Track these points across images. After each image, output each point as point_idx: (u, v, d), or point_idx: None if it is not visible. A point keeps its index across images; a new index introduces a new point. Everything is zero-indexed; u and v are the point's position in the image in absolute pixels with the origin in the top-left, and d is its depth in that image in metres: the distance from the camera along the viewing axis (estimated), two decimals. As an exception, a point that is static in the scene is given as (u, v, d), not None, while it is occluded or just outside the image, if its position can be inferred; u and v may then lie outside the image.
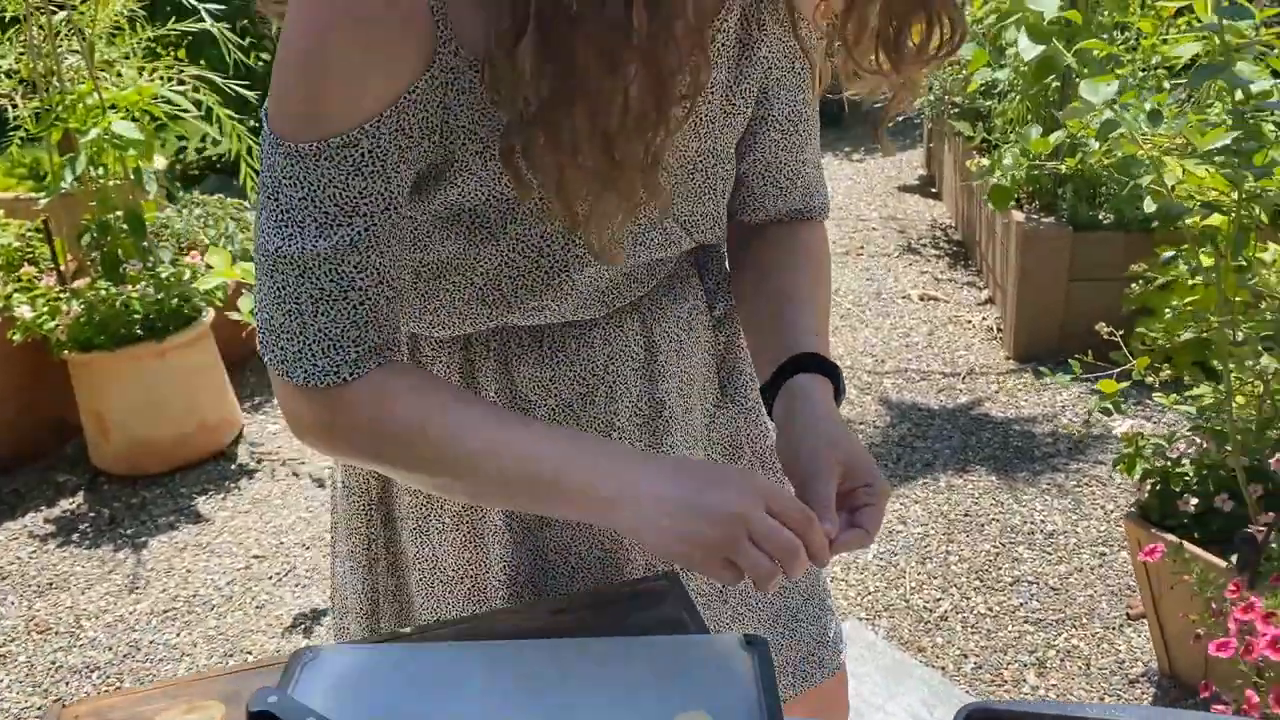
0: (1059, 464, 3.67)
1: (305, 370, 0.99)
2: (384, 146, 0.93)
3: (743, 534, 0.96)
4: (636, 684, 1.07)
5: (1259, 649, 1.65)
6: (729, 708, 1.04)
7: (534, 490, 1.04)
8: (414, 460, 1.04)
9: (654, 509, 0.98)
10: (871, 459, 1.11)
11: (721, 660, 1.11)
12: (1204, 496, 2.40)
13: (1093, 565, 3.15)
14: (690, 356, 1.28)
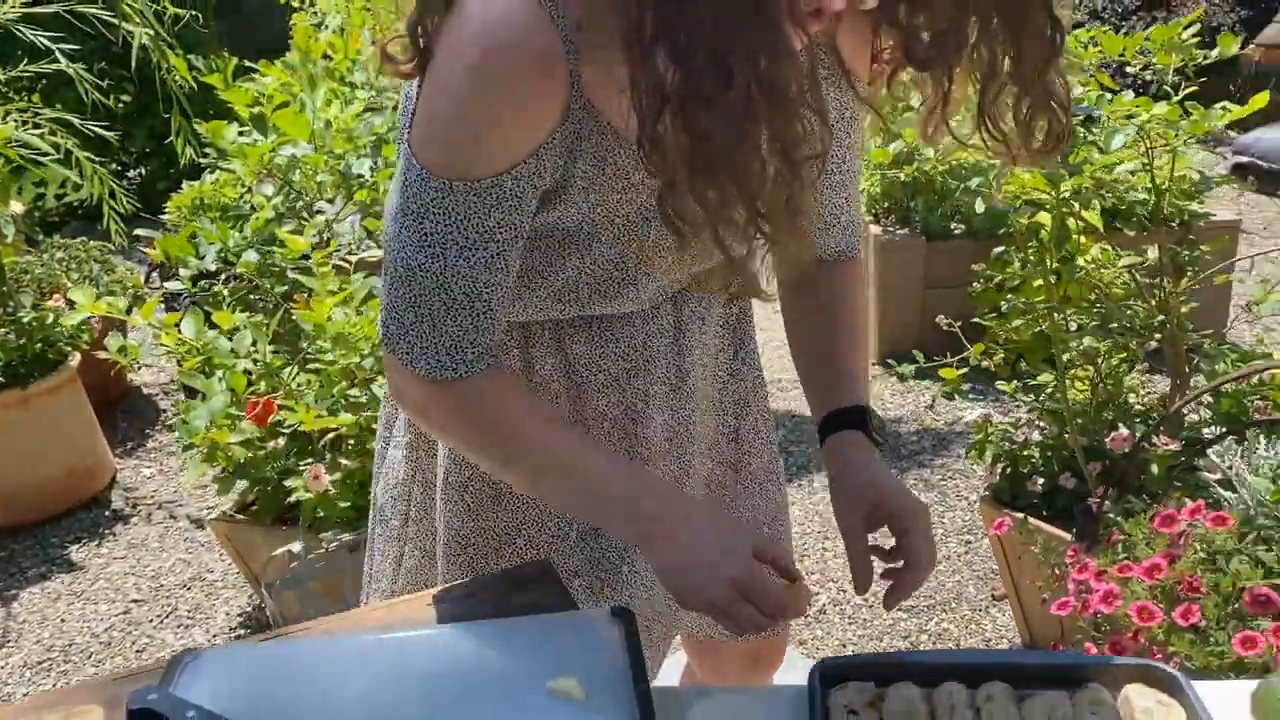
0: (924, 459, 3.86)
1: (429, 364, 1.16)
2: (522, 186, 1.10)
3: (740, 597, 1.15)
4: (510, 661, 1.14)
5: (1093, 605, 1.80)
6: (599, 674, 1.11)
7: (598, 506, 1.24)
8: (500, 452, 1.24)
9: (669, 552, 1.19)
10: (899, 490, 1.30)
11: (591, 633, 1.18)
12: (1049, 476, 2.58)
13: (959, 552, 3.32)
14: (709, 331, 1.43)
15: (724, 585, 1.14)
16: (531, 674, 1.10)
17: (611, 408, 1.38)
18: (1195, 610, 1.74)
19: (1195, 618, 1.74)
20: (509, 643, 1.16)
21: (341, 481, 2.47)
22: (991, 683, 1.25)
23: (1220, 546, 1.85)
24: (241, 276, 2.68)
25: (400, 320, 1.16)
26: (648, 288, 1.29)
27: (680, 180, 1.00)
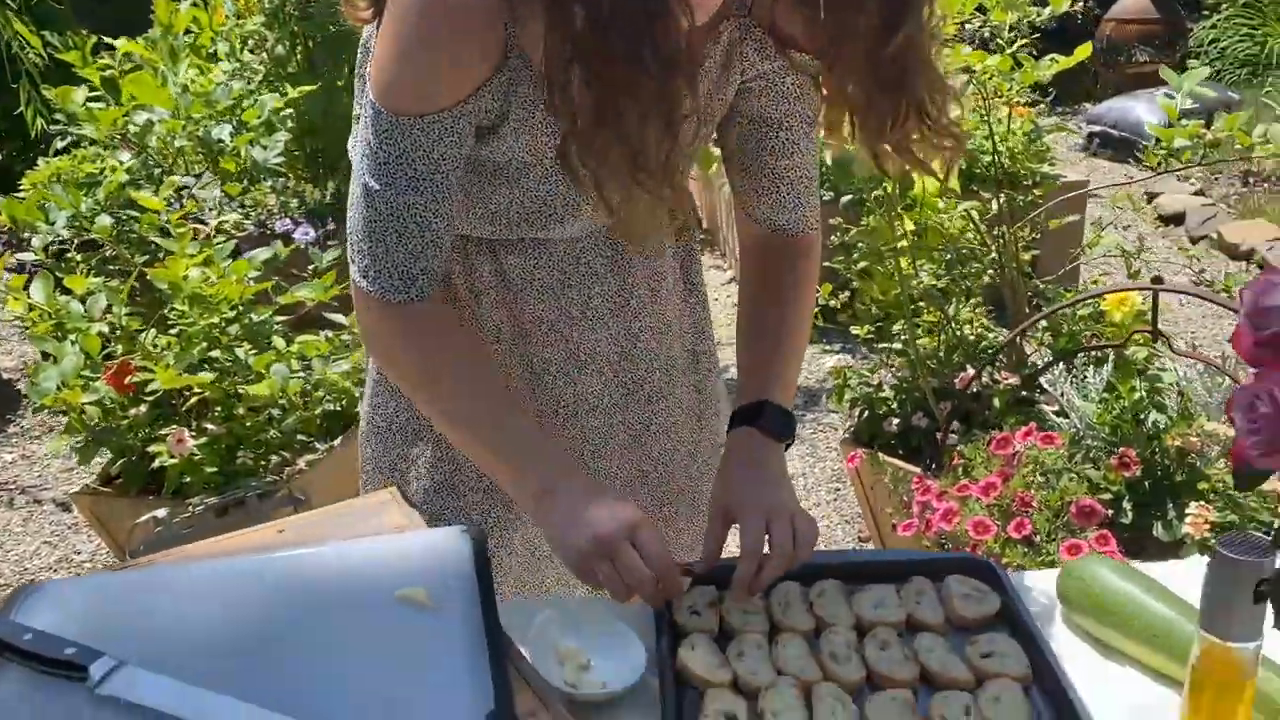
0: (797, 415, 3.98)
1: (382, 285, 1.26)
2: (464, 123, 1.20)
3: (605, 555, 1.19)
4: (359, 576, 1.16)
5: (935, 524, 1.91)
6: (447, 586, 1.14)
7: (502, 466, 1.32)
8: (434, 388, 1.33)
9: (557, 511, 1.25)
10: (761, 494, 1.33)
11: (440, 549, 1.21)
12: (903, 417, 2.70)
13: (829, 500, 3.45)
14: (657, 259, 1.48)
15: (588, 540, 1.19)
16: (380, 586, 1.13)
17: (548, 313, 1.43)
18: (1027, 523, 1.86)
19: (1027, 530, 1.86)
20: (359, 560, 1.19)
21: (207, 446, 2.44)
22: (824, 580, 1.33)
23: (1050, 465, 1.98)
24: (96, 243, 2.62)
25: (359, 244, 1.26)
26: (573, 224, 1.38)
27: (576, 126, 1.12)
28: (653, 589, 1.21)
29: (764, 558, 1.27)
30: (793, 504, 1.33)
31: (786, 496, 1.33)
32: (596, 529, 1.20)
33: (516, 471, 1.30)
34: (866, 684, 1.18)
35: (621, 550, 1.20)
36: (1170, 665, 1.18)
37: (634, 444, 1.56)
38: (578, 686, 1.18)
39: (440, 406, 1.34)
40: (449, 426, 1.36)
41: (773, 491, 1.32)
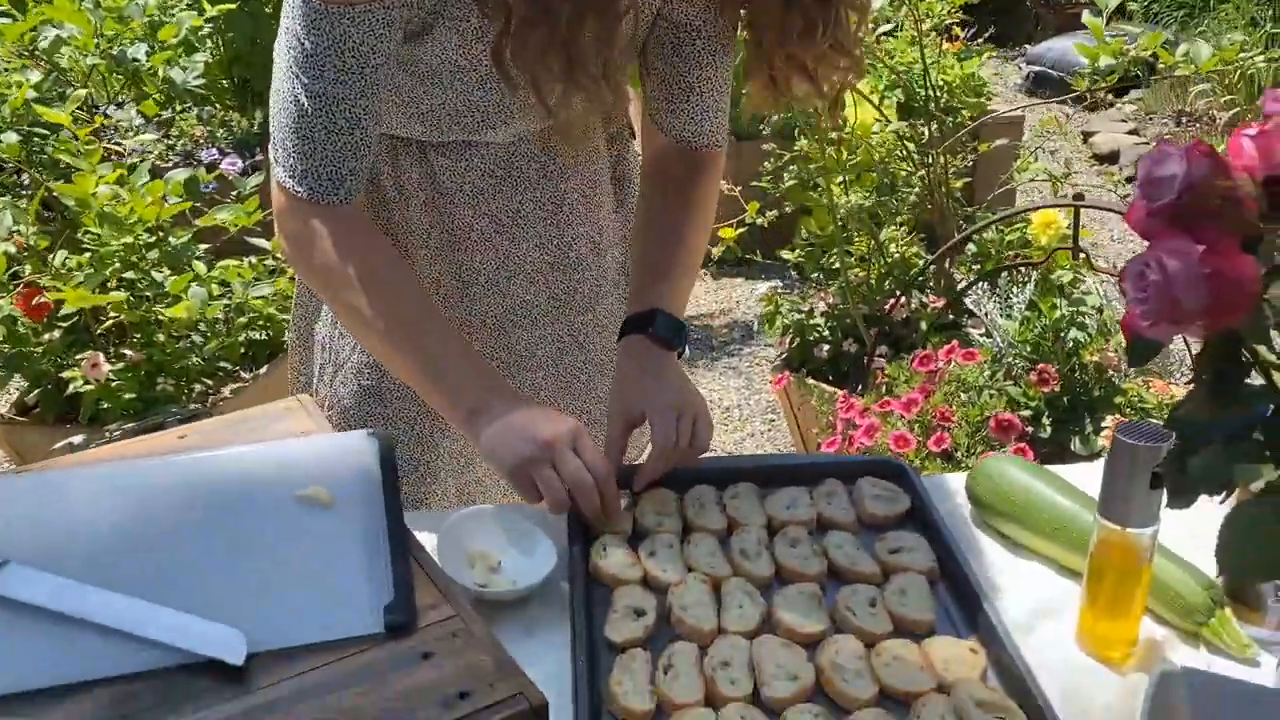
0: (734, 349, 3.99)
1: (310, 185, 1.22)
2: (394, 16, 1.16)
3: (545, 459, 1.18)
4: (261, 478, 1.14)
5: (857, 439, 1.92)
6: (349, 485, 1.12)
7: (431, 385, 1.28)
8: (359, 299, 1.27)
9: (493, 423, 1.22)
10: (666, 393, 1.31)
11: (346, 452, 1.19)
12: (834, 344, 2.71)
13: (763, 430, 3.47)
14: (588, 164, 1.45)
15: (531, 446, 1.18)
16: (280, 487, 1.11)
17: (478, 219, 1.40)
18: (946, 438, 1.88)
19: (946, 444, 1.88)
20: (259, 462, 1.16)
21: (124, 372, 2.38)
22: (738, 483, 1.33)
23: (971, 382, 1.99)
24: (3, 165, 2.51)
25: (284, 142, 1.22)
26: (506, 129, 1.35)
27: (510, 27, 1.11)
28: (594, 495, 1.20)
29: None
30: (698, 403, 1.32)
31: (691, 395, 1.33)
32: (539, 435, 1.19)
33: (447, 388, 1.27)
34: (775, 579, 1.19)
35: (565, 456, 1.19)
36: (1074, 558, 1.20)
37: (561, 356, 1.55)
38: (487, 586, 1.17)
39: (364, 316, 1.28)
40: (371, 337, 1.31)
41: (677, 391, 1.32)
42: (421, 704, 0.87)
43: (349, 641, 0.93)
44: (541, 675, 1.07)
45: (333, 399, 1.54)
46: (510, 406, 1.24)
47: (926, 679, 1.04)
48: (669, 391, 1.31)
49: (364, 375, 1.50)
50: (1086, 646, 1.11)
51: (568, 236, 1.48)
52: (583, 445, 1.21)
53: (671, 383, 1.33)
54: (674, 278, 1.44)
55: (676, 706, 1.01)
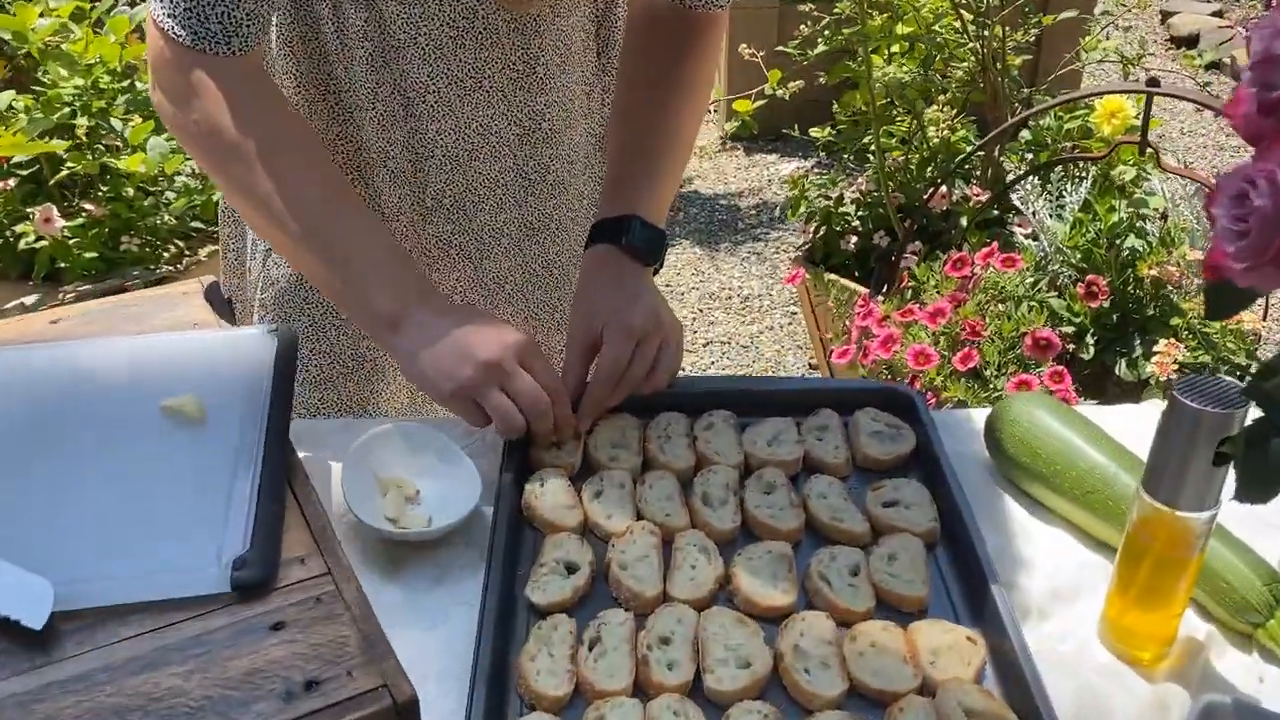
0: (760, 234, 3.74)
1: (196, 32, 1.02)
2: None
3: (494, 382, 1.00)
4: (134, 378, 0.95)
5: (873, 350, 1.70)
6: (229, 395, 0.93)
7: (327, 265, 1.07)
8: (238, 159, 1.05)
9: (421, 336, 1.02)
10: (615, 305, 1.09)
11: (235, 351, 0.99)
12: (863, 235, 2.46)
13: (783, 324, 3.25)
14: (567, 16, 1.22)
15: (474, 367, 1.00)
16: (147, 394, 0.92)
17: (436, 79, 1.17)
18: (974, 355, 1.65)
19: (974, 362, 1.65)
20: (130, 358, 0.97)
21: (83, 229, 2.19)
22: (715, 411, 1.12)
23: (1009, 291, 1.75)
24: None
25: None
26: None
27: None
28: (548, 417, 1.02)
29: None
30: (670, 327, 1.10)
31: (662, 317, 1.10)
32: (480, 353, 0.99)
33: (357, 290, 1.06)
34: (741, 534, 0.99)
35: (515, 375, 1.00)
36: (1106, 529, 0.99)
37: (527, 241, 1.32)
38: (399, 521, 0.99)
39: (256, 195, 1.06)
40: (265, 222, 1.08)
41: (646, 311, 1.09)
42: (256, 693, 0.69)
43: (183, 603, 0.75)
44: (441, 637, 0.90)
45: (265, 280, 1.33)
46: (439, 316, 1.03)
47: (908, 675, 0.85)
48: (635, 310, 1.08)
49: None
50: (1111, 642, 0.91)
51: (539, 104, 1.24)
52: (533, 362, 1.02)
53: (641, 300, 1.11)
54: (656, 175, 1.20)
55: (597, 693, 0.83)
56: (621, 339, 1.06)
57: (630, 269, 1.13)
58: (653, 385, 1.08)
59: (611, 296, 1.10)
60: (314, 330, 1.30)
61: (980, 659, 0.87)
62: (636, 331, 1.06)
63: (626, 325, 1.06)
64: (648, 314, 1.08)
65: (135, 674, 0.70)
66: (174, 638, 0.73)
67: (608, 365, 1.06)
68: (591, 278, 1.15)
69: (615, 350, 1.05)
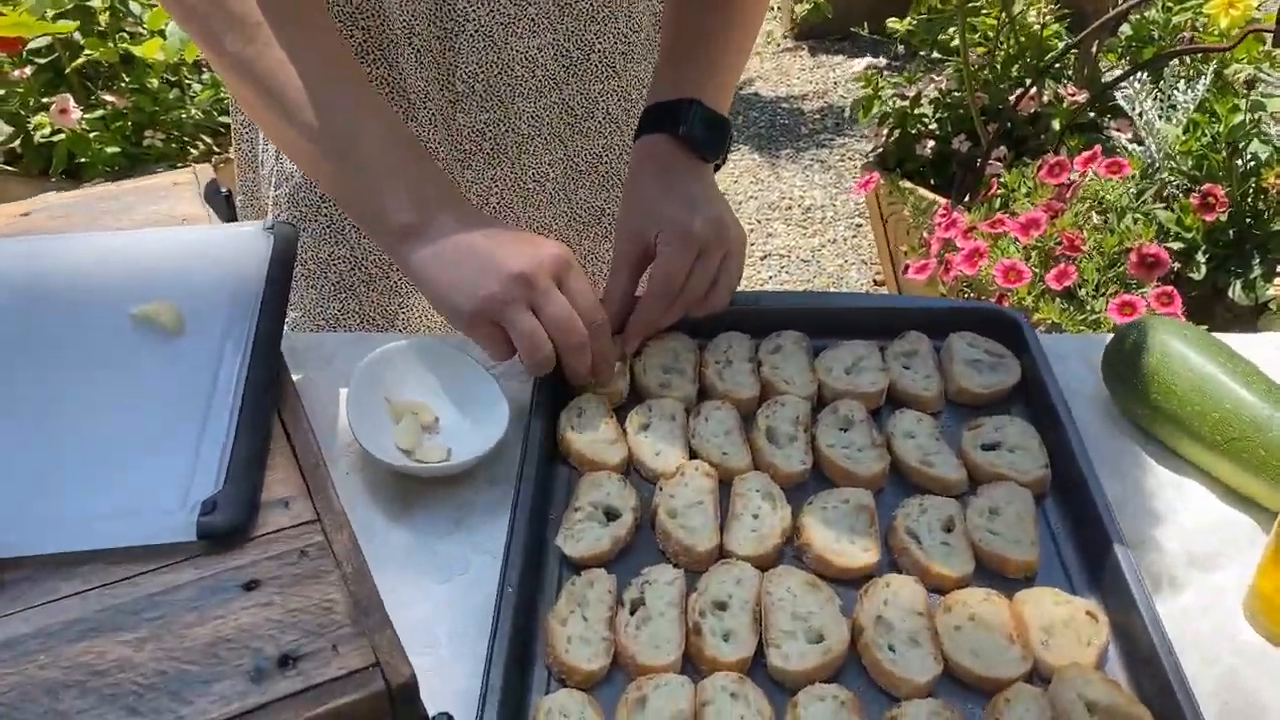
0: (824, 140, 3.52)
1: None
2: None
3: (520, 298, 0.83)
4: (93, 285, 0.81)
5: (956, 266, 1.52)
6: (211, 303, 0.79)
7: (335, 171, 0.90)
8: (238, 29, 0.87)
9: (440, 247, 0.86)
10: (670, 211, 0.92)
11: (223, 252, 0.85)
12: (941, 140, 2.25)
13: (846, 237, 3.05)
14: None
15: (494, 278, 0.83)
16: (118, 300, 0.79)
17: (475, 8, 1.03)
18: (1072, 271, 1.47)
19: (1070, 280, 1.47)
20: (103, 261, 0.84)
21: (103, 121, 2.06)
22: (784, 332, 0.96)
23: (1112, 201, 1.56)
24: None
25: None
26: None
27: None
28: (585, 349, 0.85)
29: None
30: (734, 236, 0.94)
31: (726, 223, 0.93)
32: (509, 265, 0.83)
33: (371, 193, 0.89)
34: (813, 478, 0.84)
35: (547, 294, 0.83)
36: (1255, 485, 0.82)
37: (570, 132, 1.16)
38: (413, 452, 0.85)
39: (251, 72, 0.89)
40: (264, 107, 0.91)
41: (709, 217, 0.93)
42: (218, 669, 0.56)
43: (139, 554, 0.62)
44: (458, 591, 0.77)
45: (279, 174, 1.18)
46: (463, 225, 0.87)
47: (1014, 658, 0.70)
48: (696, 214, 0.92)
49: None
50: (1262, 621, 0.75)
51: (589, 35, 1.06)
52: (570, 279, 0.86)
53: (702, 203, 0.94)
54: (719, 57, 1.03)
55: (639, 668, 0.69)
56: (680, 248, 0.90)
57: (688, 165, 0.97)
58: (711, 305, 0.92)
59: (667, 198, 0.94)
60: (332, 231, 1.15)
61: (1103, 639, 0.71)
62: (697, 240, 0.90)
63: (685, 232, 0.90)
64: (709, 220, 0.92)
65: (74, 641, 0.58)
66: (125, 597, 0.60)
67: (662, 279, 0.90)
68: (643, 175, 0.99)
69: (672, 262, 0.90)
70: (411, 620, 0.75)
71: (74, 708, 0.54)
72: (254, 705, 0.55)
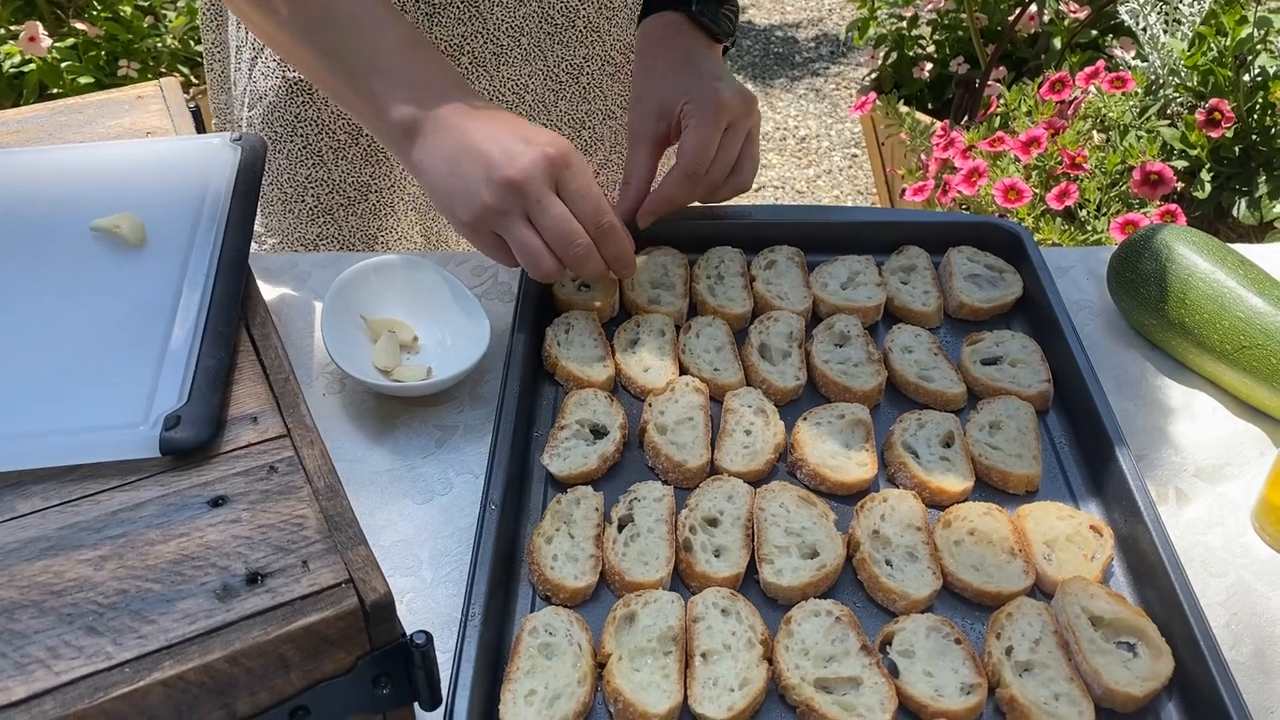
0: (819, 69, 3.44)
1: None
2: None
3: (516, 209, 0.79)
4: (54, 197, 0.77)
5: (954, 186, 1.48)
6: (176, 211, 0.75)
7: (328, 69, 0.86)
8: None
9: (440, 146, 0.81)
10: (696, 82, 0.87)
11: (192, 162, 0.81)
12: (939, 62, 2.19)
13: (842, 167, 2.99)
14: None
15: (488, 186, 0.78)
16: (82, 210, 0.75)
17: None
18: (1073, 190, 1.43)
19: (1072, 199, 1.43)
20: (69, 170, 0.80)
21: (73, 50, 2.00)
22: (775, 246, 0.93)
23: (1115, 118, 1.51)
24: None
25: None
26: None
27: None
28: (590, 254, 0.80)
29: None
30: (756, 115, 0.90)
31: (749, 101, 0.89)
32: (502, 170, 0.78)
33: (367, 88, 0.84)
34: (807, 394, 0.81)
35: (543, 201, 0.78)
36: (1264, 393, 0.79)
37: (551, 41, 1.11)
38: (392, 372, 0.82)
39: None
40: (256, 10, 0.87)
41: (735, 91, 0.88)
42: (183, 587, 0.54)
43: (100, 470, 0.59)
44: (439, 511, 0.74)
45: (251, 94, 1.14)
46: (462, 118, 0.81)
47: (1016, 572, 0.68)
48: (721, 83, 0.88)
49: (290, 65, 1.08)
50: (1272, 533, 0.73)
51: None
52: (570, 179, 0.80)
53: (724, 75, 0.90)
54: None
55: (627, 585, 0.67)
56: (710, 120, 0.85)
57: (701, 46, 0.93)
58: (736, 185, 0.89)
59: (687, 71, 0.90)
60: (309, 153, 1.11)
61: (1107, 552, 0.69)
62: (727, 111, 0.86)
63: (716, 102, 0.86)
64: (737, 92, 0.87)
65: (32, 559, 0.55)
66: (86, 514, 0.57)
67: (692, 152, 0.85)
68: (657, 51, 0.94)
69: (703, 133, 0.85)
70: (391, 542, 0.73)
71: (30, 628, 0.51)
72: (221, 623, 0.52)
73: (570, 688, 0.61)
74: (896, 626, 0.64)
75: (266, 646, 0.52)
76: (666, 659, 0.62)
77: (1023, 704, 0.60)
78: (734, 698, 0.60)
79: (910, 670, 0.62)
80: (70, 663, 0.50)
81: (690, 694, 0.61)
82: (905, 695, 0.61)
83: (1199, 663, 0.60)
